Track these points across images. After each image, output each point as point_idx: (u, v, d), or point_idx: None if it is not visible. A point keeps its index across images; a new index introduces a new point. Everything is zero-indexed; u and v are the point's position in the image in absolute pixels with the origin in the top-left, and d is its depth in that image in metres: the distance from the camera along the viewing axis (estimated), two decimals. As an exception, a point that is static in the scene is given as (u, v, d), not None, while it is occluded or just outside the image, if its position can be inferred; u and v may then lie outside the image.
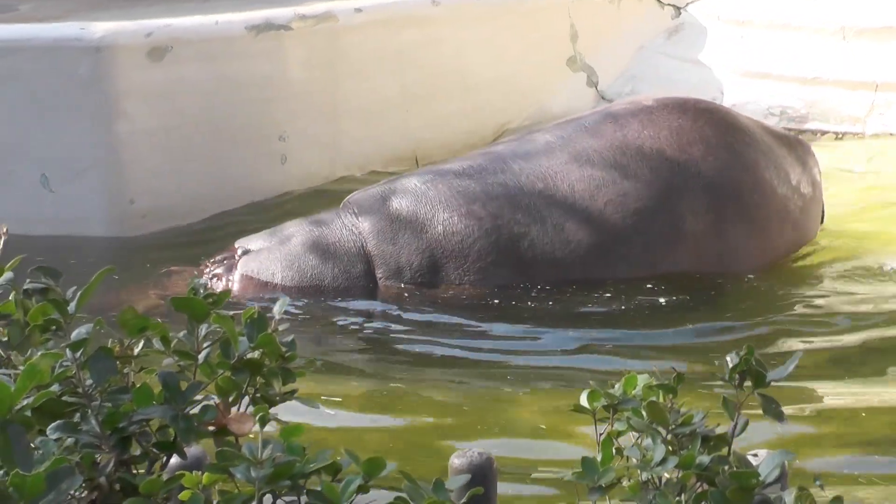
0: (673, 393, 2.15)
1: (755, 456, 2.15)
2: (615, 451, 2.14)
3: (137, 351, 2.09)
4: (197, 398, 1.98)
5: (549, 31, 8.26)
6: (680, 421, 2.10)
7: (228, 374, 2.05)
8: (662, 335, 5.11)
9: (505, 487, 2.73)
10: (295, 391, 2.13)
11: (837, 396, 4.52)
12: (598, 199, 5.37)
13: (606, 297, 5.32)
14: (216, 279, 5.42)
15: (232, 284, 5.39)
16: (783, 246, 5.76)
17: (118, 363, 2.00)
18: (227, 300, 2.11)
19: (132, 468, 1.95)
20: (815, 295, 5.55)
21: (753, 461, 2.07)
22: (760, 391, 2.13)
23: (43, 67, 6.46)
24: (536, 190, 5.39)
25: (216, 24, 6.87)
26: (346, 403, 4.39)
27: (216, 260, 5.54)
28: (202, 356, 2.05)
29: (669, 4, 8.80)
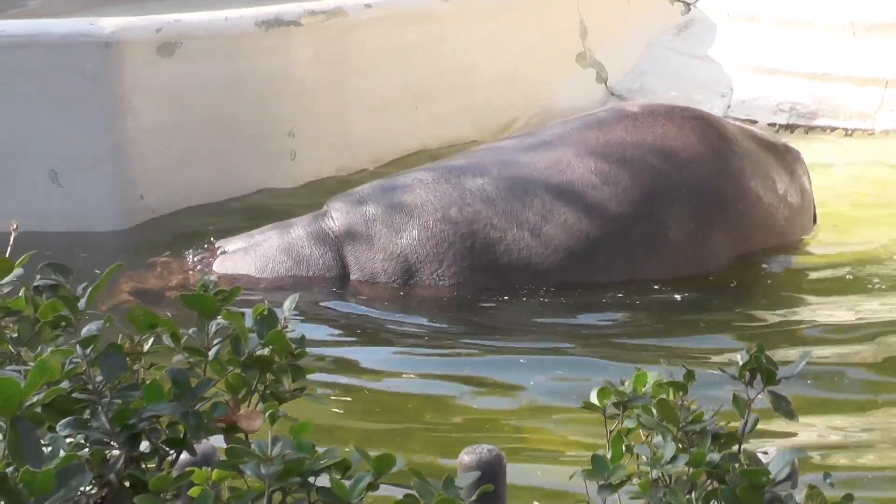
0: (683, 390, 2.15)
1: (765, 454, 2.15)
2: (625, 448, 2.13)
3: (147, 347, 2.09)
4: (207, 395, 1.98)
5: (558, 27, 8.25)
6: (690, 418, 2.10)
7: (238, 370, 2.05)
8: (634, 338, 5.10)
9: (513, 484, 2.73)
10: (304, 388, 2.13)
11: (848, 394, 4.51)
12: (577, 204, 5.36)
13: (602, 300, 5.32)
14: (193, 275, 5.43)
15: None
16: (766, 251, 5.73)
17: (128, 360, 2.00)
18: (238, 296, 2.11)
19: (142, 465, 1.95)
20: (821, 293, 5.54)
21: (763, 459, 2.07)
22: (770, 388, 2.13)
23: (52, 63, 6.45)
24: (514, 194, 5.38)
25: (226, 19, 6.87)
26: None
27: (196, 258, 5.54)
28: (212, 353, 2.05)
29: (679, 1, 8.79)
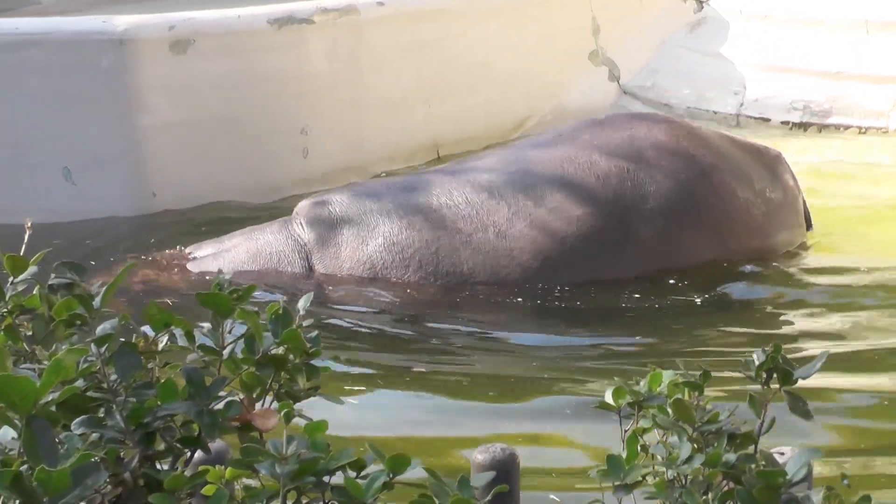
0: (699, 390, 2.14)
1: (781, 454, 2.14)
2: (640, 448, 2.13)
3: (162, 346, 2.09)
4: (221, 394, 1.98)
5: (570, 24, 8.25)
6: (706, 418, 2.09)
7: (253, 369, 2.05)
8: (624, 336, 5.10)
9: (526, 483, 2.72)
10: (318, 387, 2.12)
11: (860, 396, 4.50)
12: (541, 206, 5.40)
13: (598, 297, 5.32)
14: (162, 276, 5.42)
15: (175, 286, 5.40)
16: (747, 251, 5.70)
17: (143, 358, 2.00)
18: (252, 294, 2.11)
19: (156, 464, 1.95)
20: (835, 295, 5.52)
21: (779, 459, 2.06)
22: (787, 389, 2.12)
23: (65, 60, 6.46)
24: (480, 199, 5.44)
25: (238, 17, 6.87)
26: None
27: (165, 262, 5.53)
28: (226, 352, 2.05)
29: (692, -2, 8.77)
